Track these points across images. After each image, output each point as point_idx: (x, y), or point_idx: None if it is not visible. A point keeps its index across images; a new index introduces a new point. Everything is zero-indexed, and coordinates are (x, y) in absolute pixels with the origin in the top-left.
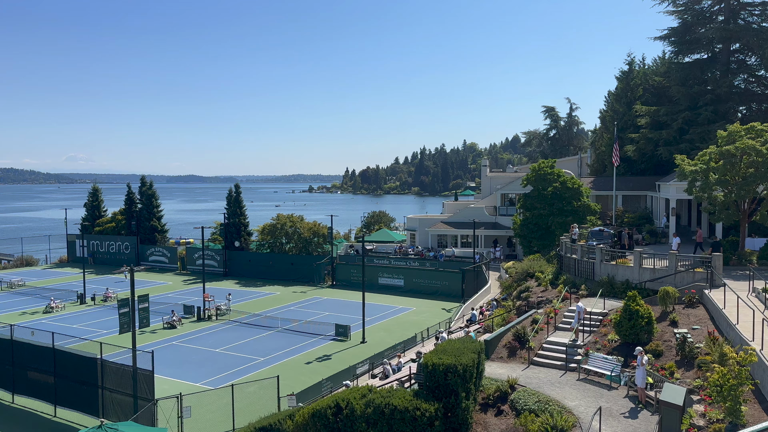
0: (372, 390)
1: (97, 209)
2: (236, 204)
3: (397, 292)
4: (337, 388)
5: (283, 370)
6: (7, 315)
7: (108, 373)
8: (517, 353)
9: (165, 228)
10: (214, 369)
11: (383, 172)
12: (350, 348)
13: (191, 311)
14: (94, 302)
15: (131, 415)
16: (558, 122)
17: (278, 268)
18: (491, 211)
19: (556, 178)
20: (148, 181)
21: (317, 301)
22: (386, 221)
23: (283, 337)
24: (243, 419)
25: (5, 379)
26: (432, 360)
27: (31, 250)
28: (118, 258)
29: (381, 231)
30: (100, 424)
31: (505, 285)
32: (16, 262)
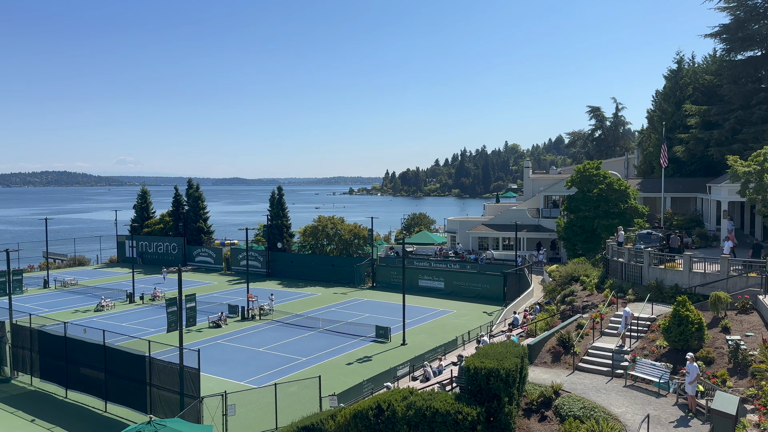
0: (413, 392)
1: (145, 211)
2: (279, 206)
3: (438, 294)
4: (377, 390)
5: (325, 370)
6: (61, 313)
7: (156, 370)
8: (562, 358)
9: (211, 229)
10: (258, 368)
11: (423, 174)
12: (390, 350)
13: (236, 311)
14: (142, 301)
15: (178, 412)
16: (603, 122)
17: (319, 270)
18: (534, 214)
19: (601, 179)
20: (195, 184)
21: (357, 303)
22: (426, 223)
23: (325, 338)
24: (285, 418)
25: (59, 375)
26: (474, 363)
27: (83, 251)
28: (165, 258)
29: (421, 233)
30: (149, 421)
31: (548, 289)
32: (69, 261)
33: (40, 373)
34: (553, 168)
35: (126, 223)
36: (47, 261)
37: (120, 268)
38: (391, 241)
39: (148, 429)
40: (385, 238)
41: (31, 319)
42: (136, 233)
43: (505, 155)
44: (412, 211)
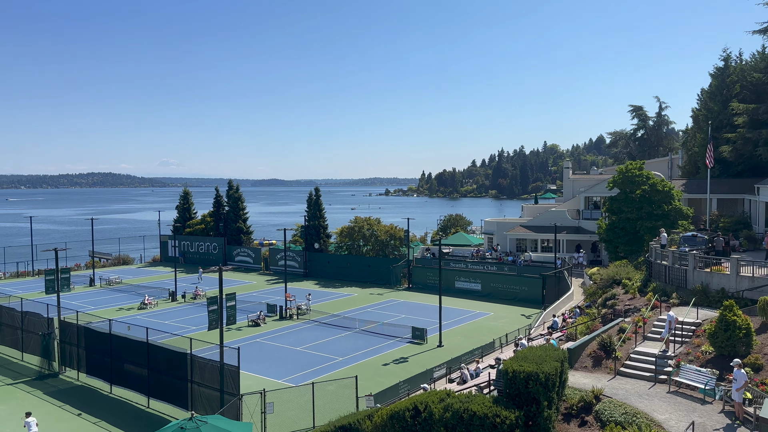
0: (450, 394)
1: (187, 211)
2: (316, 207)
3: (474, 296)
4: (414, 391)
5: (361, 370)
6: (106, 310)
7: (197, 367)
8: (603, 363)
9: (250, 230)
10: (295, 367)
11: (459, 175)
12: (427, 351)
13: (274, 310)
14: (184, 300)
15: (218, 409)
16: (646, 122)
17: (356, 270)
18: (574, 215)
19: (644, 180)
20: (235, 185)
21: (393, 304)
22: (463, 224)
23: (361, 338)
24: (322, 417)
25: (104, 371)
26: (512, 367)
27: (127, 250)
28: (206, 258)
29: (457, 234)
30: (190, 417)
31: (589, 292)
32: (113, 260)
33: (86, 369)
34: (594, 168)
35: (169, 224)
36: (93, 260)
37: (163, 267)
38: (427, 242)
39: (190, 425)
40: (421, 239)
41: (78, 316)
42: (178, 233)
43: (544, 156)
44: (448, 212)
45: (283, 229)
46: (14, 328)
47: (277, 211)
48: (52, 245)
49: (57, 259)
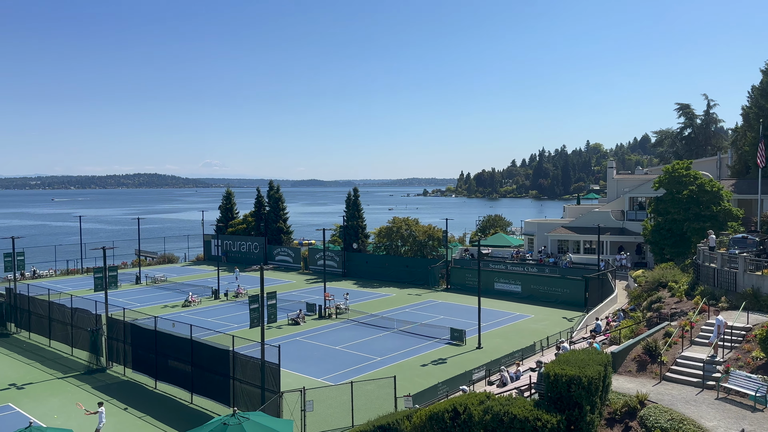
0: (490, 397)
1: (230, 211)
2: (354, 207)
3: (514, 298)
4: (452, 393)
5: (399, 370)
6: (151, 307)
7: (239, 364)
8: (648, 368)
9: (290, 229)
10: (334, 366)
11: (499, 175)
12: (466, 353)
13: (313, 309)
14: (226, 298)
15: (259, 406)
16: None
17: (394, 270)
18: (618, 216)
19: (692, 180)
20: (276, 186)
21: (432, 304)
22: (502, 225)
23: (399, 338)
24: (361, 416)
25: (149, 367)
26: (554, 370)
27: (172, 249)
28: (248, 257)
29: (497, 235)
30: (233, 413)
31: (633, 295)
32: (159, 259)
33: (132, 364)
34: (639, 168)
35: (212, 223)
36: (139, 258)
37: (206, 266)
38: (466, 242)
39: (233, 421)
40: (459, 239)
41: (124, 312)
42: (221, 233)
43: (587, 155)
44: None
45: (322, 229)
46: (64, 324)
47: (316, 211)
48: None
49: (105, 258)
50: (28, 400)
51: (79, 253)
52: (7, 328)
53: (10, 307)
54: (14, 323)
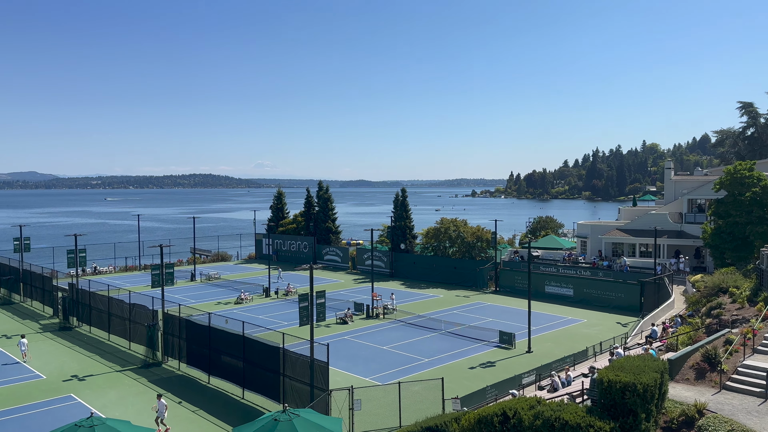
0: (541, 402)
1: (280, 211)
2: (402, 208)
3: (566, 301)
4: (501, 396)
5: (447, 372)
6: (205, 304)
7: (288, 361)
8: (706, 376)
9: (338, 229)
10: (382, 365)
11: (550, 176)
12: (515, 357)
13: (361, 309)
14: (277, 296)
15: (307, 403)
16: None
17: (441, 271)
18: (676, 219)
19: (755, 182)
20: (325, 186)
21: (480, 306)
22: (553, 227)
23: (447, 340)
24: (409, 417)
25: (203, 362)
26: (608, 376)
27: (225, 247)
28: (297, 256)
29: (548, 237)
30: (283, 410)
31: (691, 300)
32: (213, 257)
33: (186, 359)
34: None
35: (263, 222)
36: (194, 256)
37: (257, 264)
38: (516, 244)
39: (283, 417)
40: (509, 241)
41: (180, 309)
42: (272, 232)
43: (643, 155)
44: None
45: (370, 230)
46: (123, 319)
47: (364, 211)
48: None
49: (162, 255)
50: (88, 392)
51: (137, 250)
52: (69, 322)
53: (73, 302)
54: (76, 317)
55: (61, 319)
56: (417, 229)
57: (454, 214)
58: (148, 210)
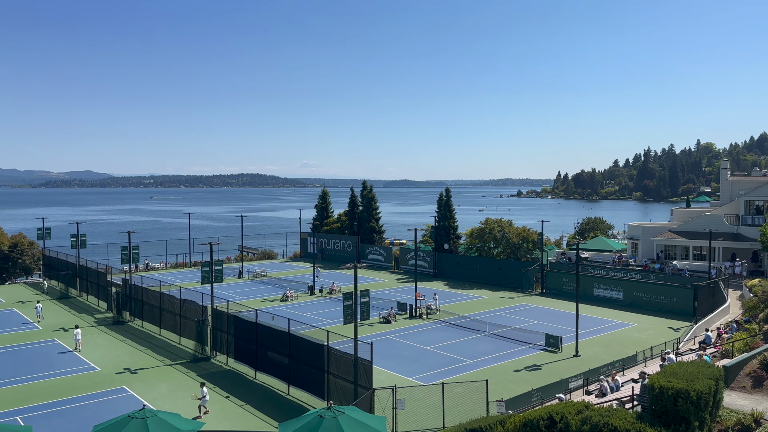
0: (589, 407)
1: (325, 210)
2: (446, 208)
3: (615, 305)
4: (548, 400)
5: (491, 374)
6: (252, 301)
7: (333, 359)
8: (764, 384)
9: (382, 229)
10: (425, 366)
11: (599, 176)
12: (562, 360)
13: (404, 308)
14: (321, 294)
15: (351, 401)
16: None
17: (486, 272)
18: (732, 221)
19: None
20: (369, 186)
21: (525, 309)
22: (603, 228)
23: (491, 342)
24: (452, 418)
25: (250, 357)
26: (659, 382)
27: (271, 245)
28: (341, 255)
29: (597, 239)
30: (329, 406)
31: (748, 305)
32: (259, 255)
33: (234, 355)
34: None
35: (308, 221)
36: (242, 254)
37: (302, 263)
38: (563, 246)
39: (328, 414)
40: (556, 242)
41: (228, 305)
42: (316, 231)
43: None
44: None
45: (414, 230)
46: (173, 314)
47: (408, 211)
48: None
49: (211, 253)
50: (140, 384)
51: (187, 247)
52: (122, 316)
53: (126, 296)
54: (129, 312)
55: (114, 314)
56: (461, 229)
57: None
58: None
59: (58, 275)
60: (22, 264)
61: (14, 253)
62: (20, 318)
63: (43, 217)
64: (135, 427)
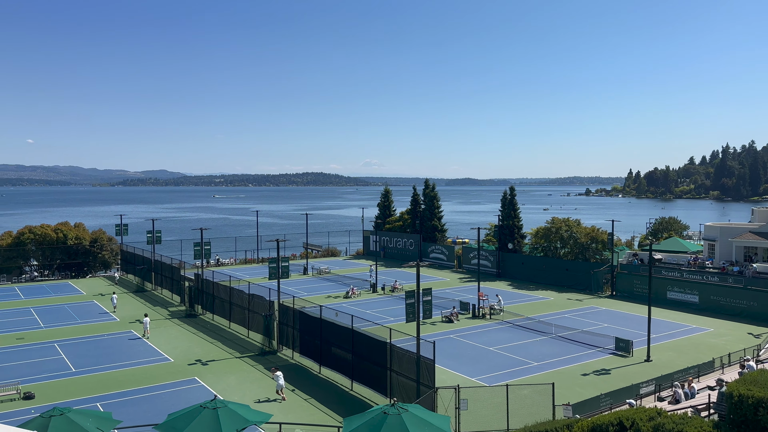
0: (662, 414)
1: (387, 209)
2: (510, 206)
3: (690, 309)
4: (617, 406)
5: (557, 378)
6: (316, 297)
7: (395, 356)
8: None
9: (444, 228)
10: (488, 366)
11: (674, 174)
12: (632, 365)
13: (467, 308)
14: (383, 291)
15: (413, 399)
16: None
17: (552, 273)
18: None
19: None
20: (431, 184)
21: (594, 311)
22: (677, 229)
23: (557, 345)
24: (516, 421)
25: (314, 352)
26: (739, 390)
27: (334, 243)
28: (403, 253)
29: (671, 239)
30: (392, 404)
31: None
32: (323, 252)
33: (299, 349)
34: None
35: (370, 220)
36: (306, 251)
37: (365, 260)
38: (635, 247)
39: (392, 411)
40: (627, 243)
41: (293, 300)
42: (378, 229)
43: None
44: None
45: (477, 228)
46: (242, 308)
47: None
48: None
49: (278, 249)
50: (211, 376)
51: (255, 244)
52: (194, 310)
53: (198, 291)
54: (200, 305)
55: (187, 307)
56: (525, 228)
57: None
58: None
59: (135, 269)
60: (102, 258)
61: (95, 248)
62: (99, 309)
63: (120, 214)
64: (206, 417)
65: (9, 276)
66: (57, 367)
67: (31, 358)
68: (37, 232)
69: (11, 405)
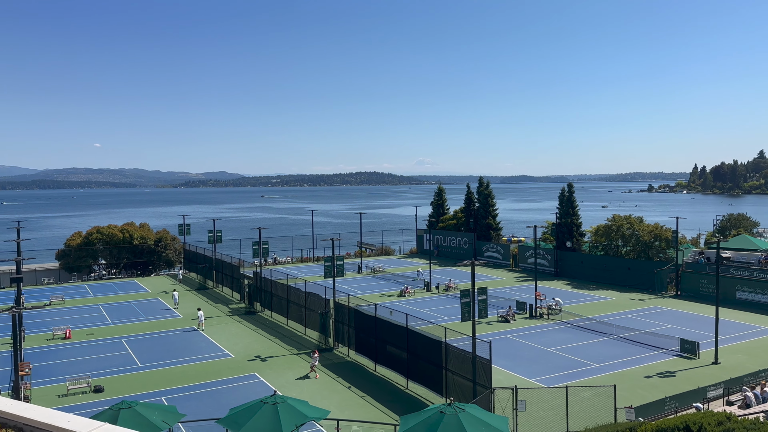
0: (731, 418)
1: (441, 207)
2: (568, 204)
3: (762, 309)
4: (683, 409)
5: (619, 380)
6: (371, 295)
7: (451, 356)
8: None
9: (499, 226)
10: (546, 367)
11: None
12: (698, 367)
13: (523, 308)
14: (437, 290)
15: (470, 399)
16: None
17: (612, 272)
18: None
19: None
20: (485, 182)
21: (657, 311)
22: (747, 226)
23: (619, 346)
24: (576, 423)
25: (370, 350)
26: None
27: (388, 242)
28: (457, 252)
29: (740, 237)
30: (449, 403)
31: None
32: (377, 251)
33: (355, 347)
34: None
35: (424, 218)
36: (361, 250)
37: (418, 259)
38: (701, 245)
39: (449, 411)
40: (692, 241)
41: (348, 299)
42: (432, 228)
43: None
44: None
45: (534, 227)
46: (299, 306)
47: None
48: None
49: (333, 248)
50: (269, 371)
51: (310, 243)
52: (253, 307)
53: (257, 289)
54: (259, 303)
55: (246, 304)
56: (584, 226)
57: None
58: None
59: (197, 268)
60: (166, 257)
61: (159, 247)
62: (162, 305)
63: (183, 214)
64: (267, 412)
65: (79, 274)
66: (124, 361)
67: (100, 353)
68: (104, 233)
69: (83, 398)
